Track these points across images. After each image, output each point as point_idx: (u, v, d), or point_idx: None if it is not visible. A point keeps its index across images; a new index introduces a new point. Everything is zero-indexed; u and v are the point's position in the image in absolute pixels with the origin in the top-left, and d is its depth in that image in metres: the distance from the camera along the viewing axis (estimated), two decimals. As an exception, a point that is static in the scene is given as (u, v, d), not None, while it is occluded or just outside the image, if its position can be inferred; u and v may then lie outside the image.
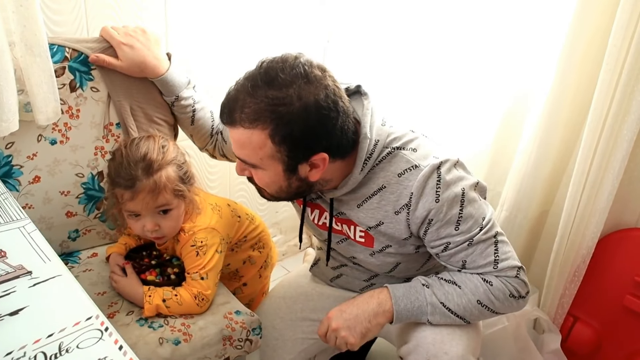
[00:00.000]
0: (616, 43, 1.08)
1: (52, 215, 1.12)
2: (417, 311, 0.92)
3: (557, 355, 1.34)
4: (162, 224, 1.01)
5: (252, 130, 0.82)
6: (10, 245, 0.71)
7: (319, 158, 0.85)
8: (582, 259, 1.28)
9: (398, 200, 0.91)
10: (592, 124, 1.15)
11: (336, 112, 0.83)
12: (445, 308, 0.91)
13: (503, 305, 0.92)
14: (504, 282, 0.92)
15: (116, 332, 0.58)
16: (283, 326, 1.14)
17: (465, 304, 0.91)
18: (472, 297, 0.91)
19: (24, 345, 0.55)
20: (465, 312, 0.92)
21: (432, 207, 0.88)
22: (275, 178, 0.89)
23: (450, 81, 1.50)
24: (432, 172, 0.88)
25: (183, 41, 1.39)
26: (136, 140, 1.00)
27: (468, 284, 0.92)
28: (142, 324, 0.98)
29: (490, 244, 0.91)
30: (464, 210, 0.89)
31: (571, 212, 1.24)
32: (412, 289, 0.94)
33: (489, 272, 0.92)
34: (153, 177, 0.96)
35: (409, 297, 0.93)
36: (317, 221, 1.07)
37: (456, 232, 0.90)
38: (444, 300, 0.92)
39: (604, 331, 1.32)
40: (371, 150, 0.90)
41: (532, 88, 1.32)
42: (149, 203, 0.97)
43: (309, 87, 0.80)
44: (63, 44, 1.05)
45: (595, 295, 1.32)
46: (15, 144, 1.04)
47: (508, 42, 1.35)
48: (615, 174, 1.17)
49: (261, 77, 0.80)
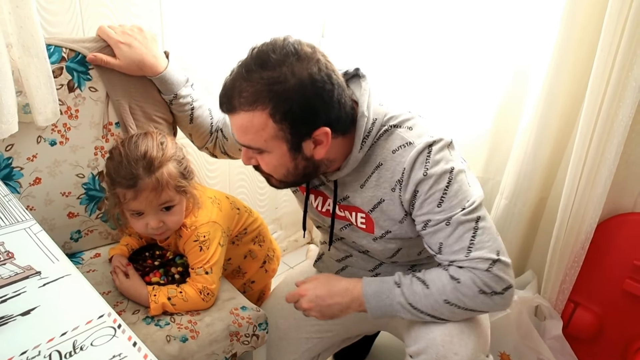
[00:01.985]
0: (609, 29, 1.09)
1: (54, 216, 1.12)
2: (388, 309, 0.93)
3: (559, 341, 1.36)
4: (165, 220, 1.01)
5: (252, 112, 0.83)
6: (17, 246, 0.71)
7: (322, 133, 0.87)
8: (581, 244, 1.30)
9: (392, 176, 0.92)
10: (588, 109, 1.16)
11: (331, 85, 0.84)
12: (413, 308, 0.91)
13: (474, 303, 0.88)
14: (473, 276, 0.87)
15: (129, 329, 0.58)
16: (287, 326, 1.14)
17: (433, 304, 0.89)
18: (439, 297, 0.89)
19: (38, 344, 0.55)
20: (435, 312, 0.90)
21: (420, 180, 0.88)
22: (281, 160, 0.90)
23: (447, 67, 1.50)
24: (425, 148, 0.89)
25: (179, 38, 1.38)
26: (134, 138, 0.98)
27: (436, 283, 0.89)
28: (148, 322, 0.98)
29: (469, 228, 0.88)
30: (449, 188, 0.88)
31: (569, 198, 1.26)
32: (385, 286, 0.94)
33: (460, 260, 0.88)
34: (155, 174, 0.95)
35: (380, 296, 0.93)
36: (320, 208, 1.07)
37: (438, 209, 0.89)
38: (411, 301, 0.91)
39: (605, 316, 1.33)
40: (369, 128, 0.91)
41: (528, 76, 1.33)
42: (153, 201, 0.97)
43: (301, 64, 0.82)
44: (60, 44, 1.04)
45: (595, 281, 1.33)
46: (15, 146, 1.03)
47: (503, 29, 1.36)
48: (612, 158, 1.18)
49: (254, 61, 0.83)
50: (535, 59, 1.30)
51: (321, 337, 1.15)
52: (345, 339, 1.23)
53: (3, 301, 0.61)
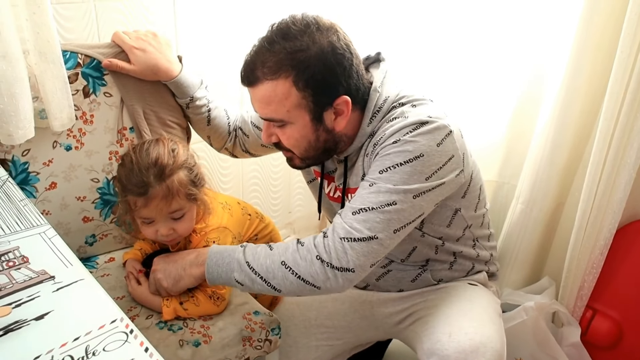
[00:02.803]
0: (629, 30, 1.06)
1: (69, 220, 1.13)
2: (226, 268, 0.90)
3: (577, 348, 1.33)
4: (176, 227, 1.00)
5: (275, 81, 0.87)
6: (32, 251, 0.72)
7: (342, 101, 0.89)
8: (599, 250, 1.27)
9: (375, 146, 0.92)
10: (607, 112, 1.14)
11: (350, 54, 0.89)
12: (249, 268, 0.88)
13: (307, 270, 0.83)
14: (320, 240, 0.85)
15: (141, 334, 0.58)
16: (297, 333, 1.14)
17: (269, 265, 0.87)
18: (278, 257, 0.87)
19: (51, 349, 0.55)
20: (268, 274, 0.86)
21: (386, 143, 0.86)
22: (303, 131, 0.92)
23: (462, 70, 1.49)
24: (414, 124, 0.86)
25: (193, 43, 1.39)
26: (145, 145, 0.98)
27: (281, 246, 0.90)
28: (161, 327, 0.99)
29: (378, 200, 0.83)
30: (404, 166, 0.84)
31: (588, 203, 1.23)
32: (230, 249, 0.93)
33: (336, 217, 0.87)
34: (166, 182, 0.94)
35: (222, 254, 0.93)
36: (332, 194, 1.08)
37: (378, 174, 0.85)
38: (250, 259, 0.89)
39: (624, 323, 1.30)
40: (380, 104, 0.93)
41: (546, 77, 1.31)
42: (163, 209, 0.96)
43: (321, 33, 0.87)
44: (75, 50, 1.05)
45: (614, 287, 1.31)
46: (31, 151, 1.05)
47: (519, 30, 1.35)
48: (632, 163, 1.15)
49: (275, 33, 0.87)
50: (552, 61, 1.28)
51: (331, 344, 1.14)
52: (355, 346, 1.21)
53: (17, 305, 0.61)
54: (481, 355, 0.89)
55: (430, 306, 1.04)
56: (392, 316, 1.11)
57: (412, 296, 1.09)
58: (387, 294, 1.12)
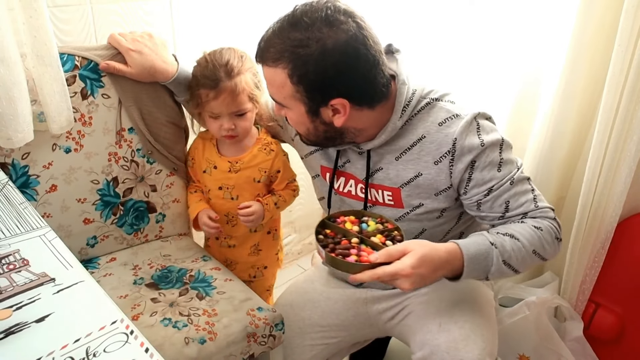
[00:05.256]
0: (627, 23, 1.06)
1: (70, 223, 1.14)
2: (481, 272, 0.89)
3: (580, 342, 1.33)
4: (237, 124, 1.11)
5: (275, 69, 0.87)
6: (32, 253, 0.72)
7: (338, 103, 0.88)
8: (601, 244, 1.27)
9: (439, 148, 0.93)
10: (607, 105, 1.14)
11: (356, 59, 0.85)
12: (505, 265, 0.89)
13: (551, 250, 0.93)
14: (548, 224, 0.93)
15: (142, 335, 0.58)
16: (291, 334, 1.13)
17: (524, 256, 0.90)
18: (530, 248, 0.90)
19: (51, 351, 0.55)
20: (521, 265, 0.91)
21: (476, 150, 0.91)
22: (300, 119, 0.93)
23: (459, 66, 1.49)
24: (473, 119, 0.92)
25: (190, 44, 1.39)
26: (219, 50, 1.10)
27: (524, 235, 0.91)
28: (166, 324, 0.99)
29: (526, 183, 0.95)
30: (502, 154, 0.93)
31: (588, 197, 1.23)
32: (484, 252, 0.88)
33: (532, 211, 0.93)
34: (234, 79, 1.06)
35: (477, 259, 0.87)
36: (342, 189, 1.07)
37: (500, 173, 0.92)
38: (506, 257, 0.89)
39: (627, 316, 1.30)
40: (409, 97, 0.93)
41: (544, 74, 1.31)
42: (230, 104, 1.07)
43: (330, 30, 0.83)
44: (73, 53, 1.06)
45: (616, 281, 1.30)
46: (30, 154, 1.05)
47: (516, 26, 1.34)
48: (632, 156, 1.15)
49: (288, 18, 0.86)
50: (550, 57, 1.28)
51: (326, 343, 1.14)
52: (352, 344, 1.21)
53: (18, 308, 0.62)
54: (472, 342, 0.90)
55: (422, 300, 1.05)
56: (385, 312, 1.11)
57: (404, 292, 1.09)
58: (380, 290, 1.12)
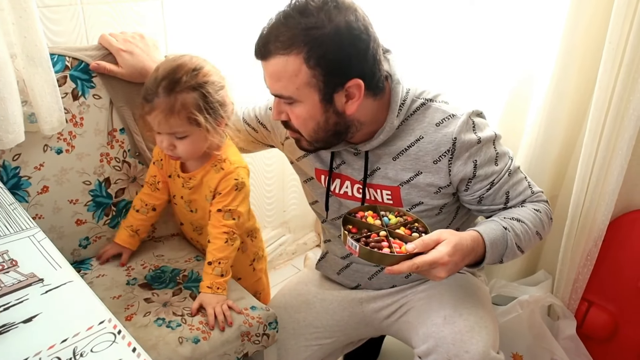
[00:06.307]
0: (618, 20, 1.06)
1: (62, 224, 1.13)
2: (498, 255, 0.93)
3: (573, 340, 1.33)
4: (176, 145, 1.01)
5: (287, 56, 0.84)
6: (21, 254, 0.72)
7: (354, 84, 0.87)
8: (593, 242, 1.27)
9: (437, 148, 0.94)
10: (598, 104, 1.14)
11: (367, 36, 0.86)
12: (518, 249, 0.95)
13: (548, 229, 1.01)
14: (544, 206, 1.00)
15: (129, 334, 0.58)
16: (285, 336, 1.13)
17: (530, 238, 0.96)
18: (534, 229, 0.96)
19: (38, 351, 0.55)
20: (527, 247, 0.97)
21: (475, 146, 0.94)
22: (312, 111, 0.89)
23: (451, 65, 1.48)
24: (468, 118, 0.94)
25: (182, 44, 1.39)
26: (177, 57, 1.01)
27: (528, 217, 0.96)
28: (160, 324, 0.99)
29: (519, 171, 1.01)
30: (497, 148, 0.98)
31: (580, 195, 1.23)
32: (501, 237, 0.92)
33: (530, 196, 1.00)
34: (171, 97, 0.96)
35: (496, 244, 0.91)
36: (338, 191, 1.06)
37: (497, 167, 0.97)
38: (517, 241, 0.94)
39: (620, 314, 1.30)
40: (404, 96, 0.94)
41: (535, 72, 1.31)
42: (161, 122, 0.97)
43: (339, 11, 0.83)
44: (63, 53, 1.06)
45: (609, 279, 1.31)
46: (22, 156, 1.05)
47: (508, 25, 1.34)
48: (624, 154, 1.15)
49: (293, 8, 0.85)
50: (541, 55, 1.28)
51: (321, 344, 1.14)
52: (346, 344, 1.21)
53: (6, 309, 0.61)
54: (477, 334, 0.91)
55: (421, 297, 1.05)
56: (381, 310, 1.11)
57: (402, 290, 1.10)
58: (375, 291, 1.13)
